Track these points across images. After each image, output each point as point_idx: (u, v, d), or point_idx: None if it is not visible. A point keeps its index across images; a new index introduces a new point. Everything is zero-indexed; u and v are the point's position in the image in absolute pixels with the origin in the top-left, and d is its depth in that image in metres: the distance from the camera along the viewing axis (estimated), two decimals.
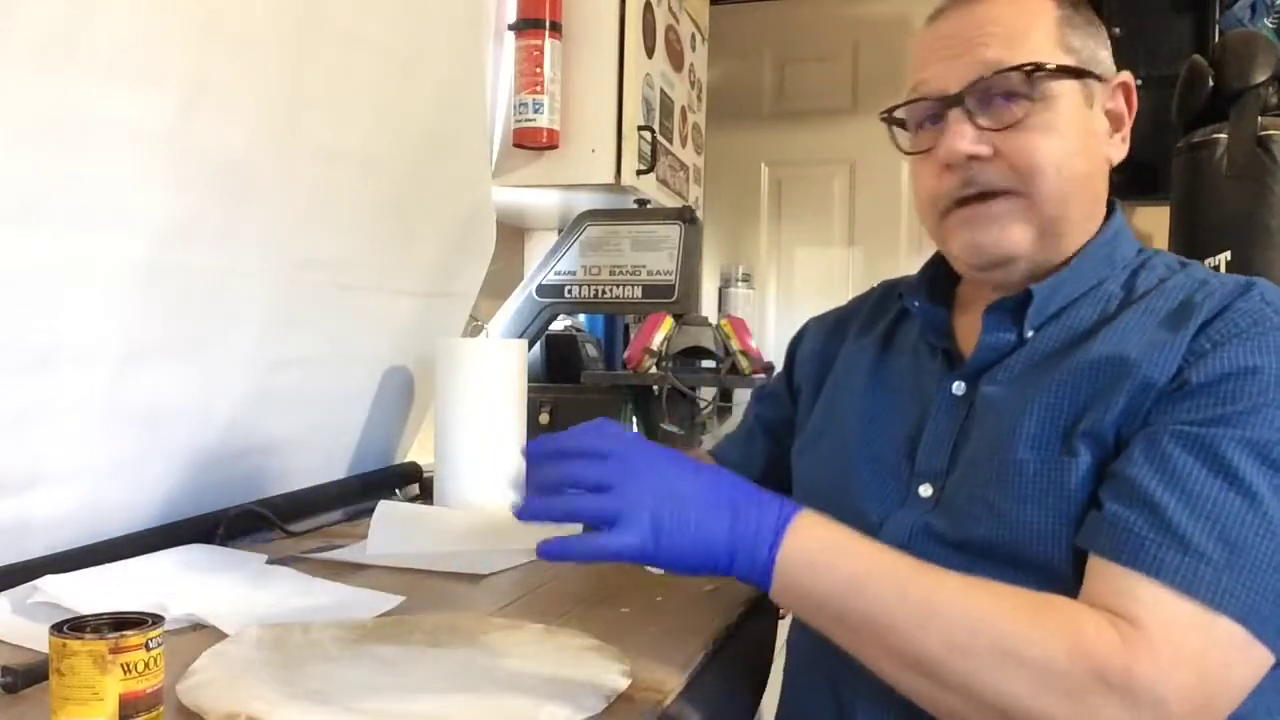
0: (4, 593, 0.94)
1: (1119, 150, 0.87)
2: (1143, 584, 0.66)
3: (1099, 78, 0.84)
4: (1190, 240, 2.09)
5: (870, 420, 0.91)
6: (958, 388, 0.85)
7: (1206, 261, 2.03)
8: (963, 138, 0.81)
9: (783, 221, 3.27)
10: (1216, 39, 2.42)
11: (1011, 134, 0.81)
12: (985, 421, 0.81)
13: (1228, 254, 2.01)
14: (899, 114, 0.89)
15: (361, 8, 1.28)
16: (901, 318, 0.98)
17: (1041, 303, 0.82)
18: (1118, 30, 2.63)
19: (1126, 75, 0.87)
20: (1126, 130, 0.87)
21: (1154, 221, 2.55)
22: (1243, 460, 0.68)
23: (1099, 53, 0.85)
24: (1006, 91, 0.81)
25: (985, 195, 0.82)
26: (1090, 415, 0.74)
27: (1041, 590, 0.70)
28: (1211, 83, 2.07)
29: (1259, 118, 2.00)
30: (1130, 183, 2.62)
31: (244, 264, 1.19)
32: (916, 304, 0.91)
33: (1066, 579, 0.72)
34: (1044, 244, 0.83)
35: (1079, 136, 0.82)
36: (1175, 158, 2.16)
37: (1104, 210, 0.87)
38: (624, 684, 0.79)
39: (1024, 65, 0.80)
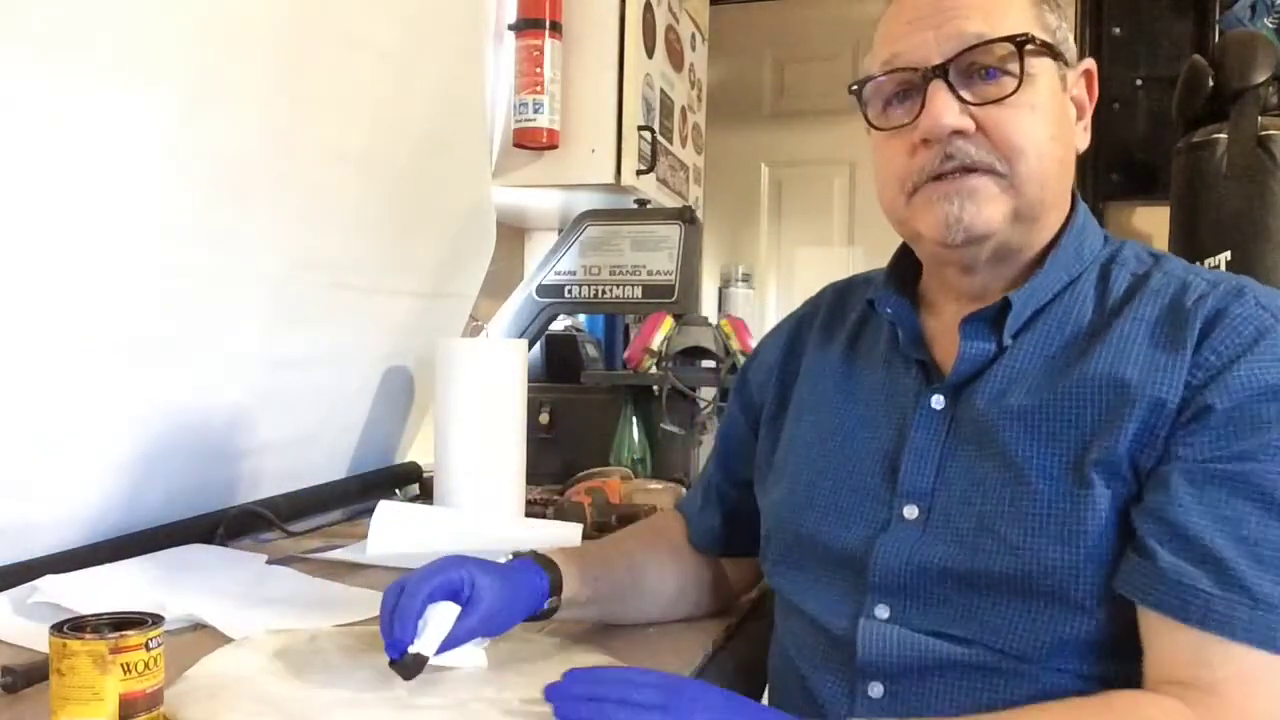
0: (4, 593, 0.94)
1: (1083, 139, 0.85)
2: (1215, 645, 0.66)
3: (1068, 62, 0.82)
4: (1190, 240, 2.09)
5: (843, 438, 0.87)
6: (937, 401, 0.82)
7: (1207, 262, 2.03)
8: (948, 110, 0.77)
9: (783, 221, 3.26)
10: (1216, 39, 2.42)
11: (994, 110, 0.78)
12: (975, 441, 0.79)
13: (1228, 254, 2.01)
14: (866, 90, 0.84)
15: (361, 8, 1.28)
16: (864, 321, 0.93)
17: (1019, 310, 0.79)
18: (1118, 30, 2.63)
19: (1090, 63, 0.85)
20: (1088, 119, 0.85)
21: (1154, 221, 2.55)
22: None
23: (1068, 36, 0.83)
24: (990, 66, 0.78)
25: (962, 170, 0.79)
26: (1099, 444, 0.72)
27: (1058, 623, 0.72)
28: (1211, 83, 2.07)
29: (1259, 118, 2.00)
30: (1130, 183, 2.62)
31: (244, 264, 1.19)
32: (890, 309, 0.87)
33: (1084, 610, 0.71)
34: (1018, 228, 0.80)
35: (1056, 120, 0.80)
36: (1175, 158, 2.16)
37: (1070, 201, 0.84)
38: None
39: (1015, 36, 0.77)
